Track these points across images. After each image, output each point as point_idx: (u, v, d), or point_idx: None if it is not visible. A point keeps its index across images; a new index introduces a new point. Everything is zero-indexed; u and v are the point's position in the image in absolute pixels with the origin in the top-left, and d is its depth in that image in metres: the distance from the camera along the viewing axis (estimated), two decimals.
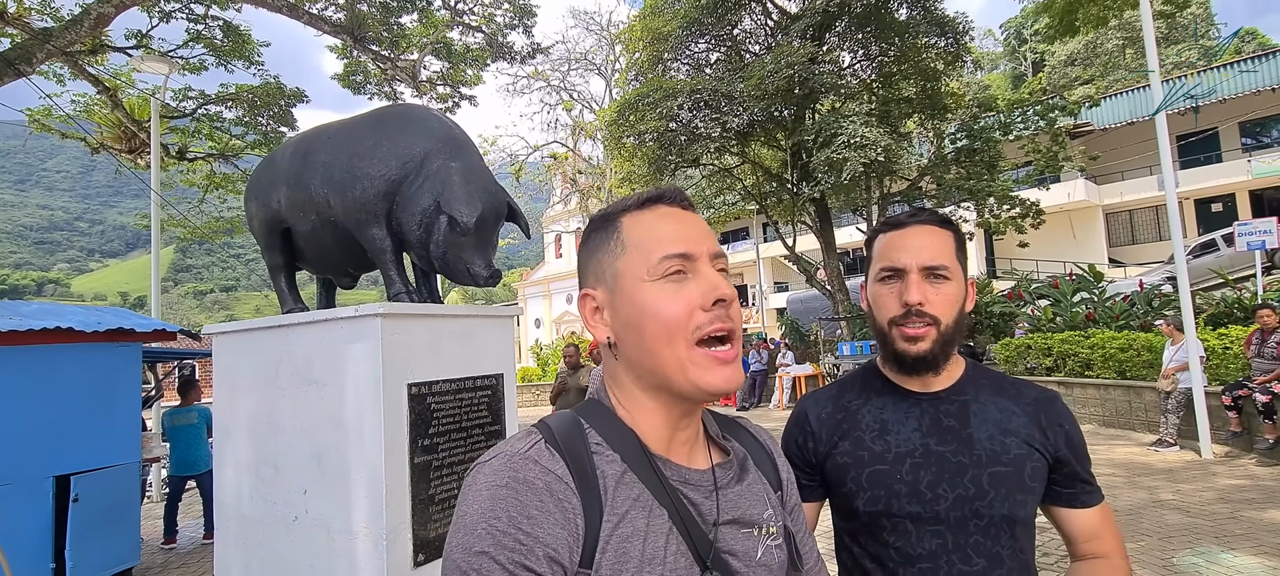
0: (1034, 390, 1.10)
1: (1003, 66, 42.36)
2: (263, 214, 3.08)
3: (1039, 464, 1.02)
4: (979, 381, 1.09)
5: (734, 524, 0.73)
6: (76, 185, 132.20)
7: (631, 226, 0.74)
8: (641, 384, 0.73)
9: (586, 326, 0.76)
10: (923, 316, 1.01)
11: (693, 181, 17.34)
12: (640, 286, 0.71)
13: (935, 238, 1.04)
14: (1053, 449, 1.04)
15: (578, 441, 0.69)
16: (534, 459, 0.65)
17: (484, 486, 0.63)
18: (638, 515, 0.67)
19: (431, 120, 2.80)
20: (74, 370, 4.28)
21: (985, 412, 1.05)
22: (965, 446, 1.02)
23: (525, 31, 11.72)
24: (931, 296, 1.02)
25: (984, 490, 0.99)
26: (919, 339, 1.01)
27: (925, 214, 1.08)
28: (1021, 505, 1.00)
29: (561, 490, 0.64)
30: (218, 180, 12.81)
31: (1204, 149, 21.77)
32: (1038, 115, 13.67)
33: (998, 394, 1.07)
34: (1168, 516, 4.96)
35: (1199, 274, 13.78)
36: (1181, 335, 7.05)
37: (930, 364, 1.03)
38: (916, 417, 1.05)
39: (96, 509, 4.25)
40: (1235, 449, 6.75)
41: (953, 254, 1.05)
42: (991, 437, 1.02)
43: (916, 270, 1.02)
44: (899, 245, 1.05)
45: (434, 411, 2.57)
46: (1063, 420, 1.06)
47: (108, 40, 9.54)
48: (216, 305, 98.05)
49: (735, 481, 0.77)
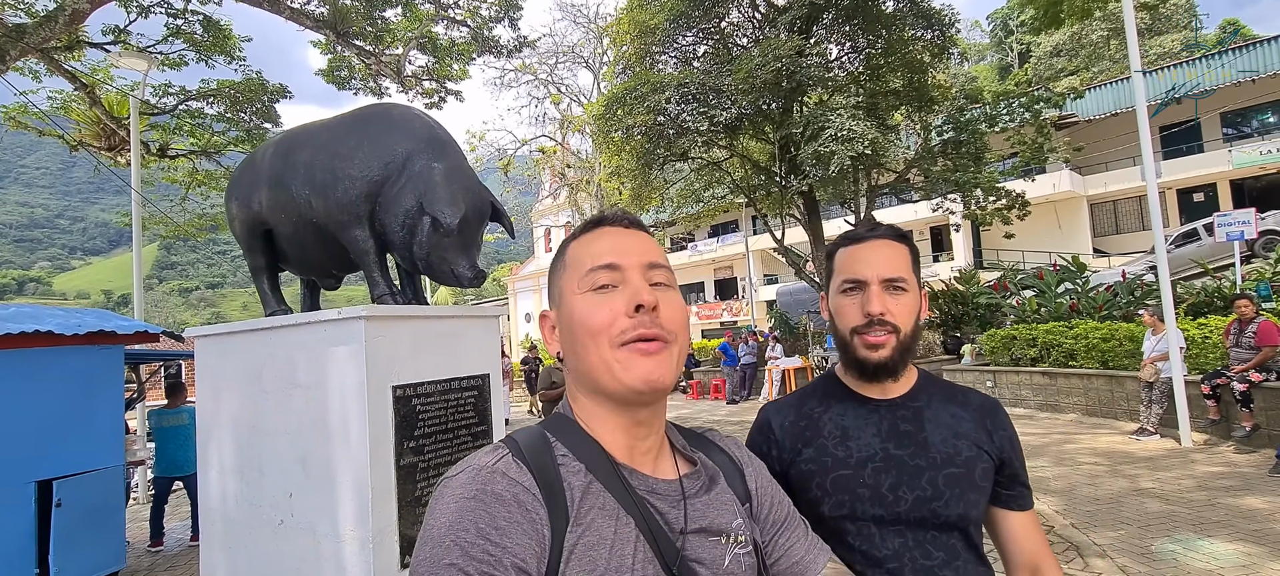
0: (979, 397, 1.18)
1: (990, 58, 42.63)
2: (244, 215, 3.05)
3: (987, 465, 1.09)
4: (931, 389, 1.16)
5: (702, 532, 0.75)
6: (57, 182, 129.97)
7: (573, 248, 0.80)
8: (589, 393, 0.77)
9: (546, 343, 0.82)
10: (884, 325, 1.07)
11: (681, 174, 17.33)
12: (573, 298, 0.76)
13: (894, 251, 1.11)
14: (997, 451, 1.11)
15: (544, 454, 0.71)
16: (501, 471, 0.67)
17: (451, 499, 0.65)
18: (604, 523, 0.68)
19: (414, 120, 2.77)
20: (55, 373, 4.22)
21: (938, 417, 1.11)
22: (922, 449, 1.07)
23: (511, 25, 11.63)
24: (892, 306, 1.08)
25: (940, 491, 1.05)
26: (880, 346, 1.07)
27: (884, 228, 1.14)
28: (974, 504, 1.07)
29: (528, 501, 0.65)
30: (200, 177, 12.64)
31: (1186, 139, 22.04)
32: (1023, 107, 13.77)
33: (949, 400, 1.14)
34: (1148, 504, 5.05)
35: (1180, 264, 13.98)
36: (1162, 325, 7.17)
37: (890, 370, 1.09)
38: (875, 423, 1.11)
39: (80, 513, 4.21)
40: (1214, 437, 6.87)
41: (909, 266, 1.11)
42: (945, 441, 1.09)
43: (877, 282, 1.08)
44: (860, 258, 1.11)
45: (419, 413, 2.57)
46: (1005, 425, 1.15)
47: (84, 36, 9.36)
48: (202, 302, 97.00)
49: (703, 492, 0.79)
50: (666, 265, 0.79)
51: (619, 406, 0.75)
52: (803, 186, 13.29)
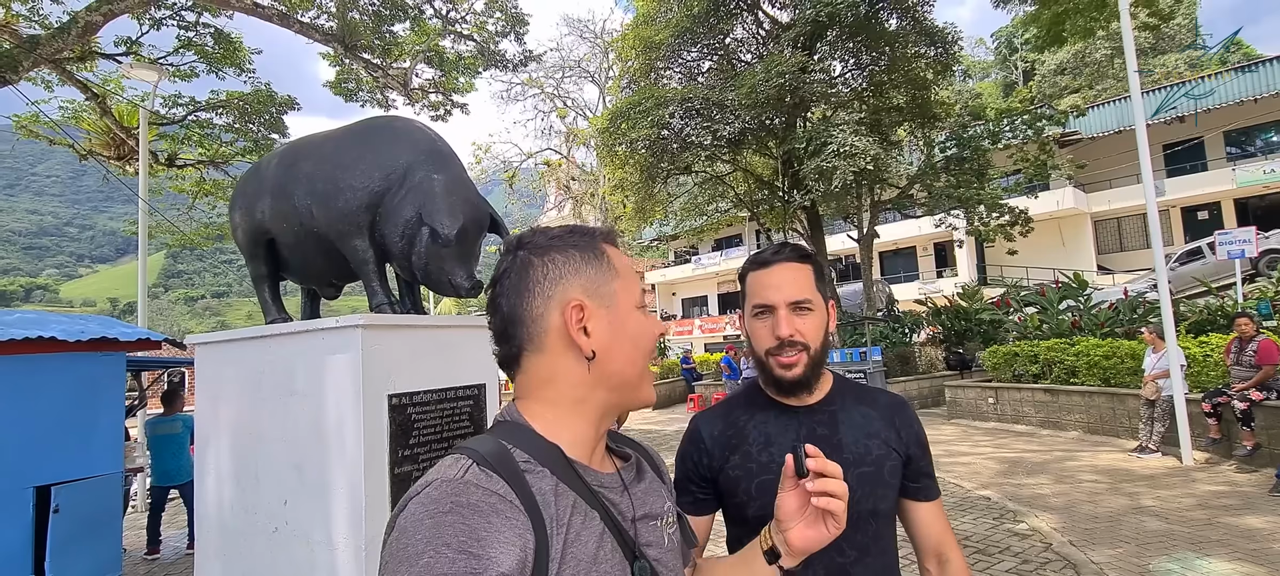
0: (887, 396, 1.26)
1: (994, 75, 42.76)
2: (247, 224, 3.09)
3: (895, 462, 1.17)
4: (845, 393, 1.24)
5: (646, 518, 0.80)
6: (66, 190, 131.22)
7: (615, 257, 0.83)
8: (596, 396, 0.77)
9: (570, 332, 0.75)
10: (794, 345, 1.15)
11: (685, 188, 17.42)
12: (633, 312, 0.82)
13: (797, 273, 1.17)
14: (904, 447, 1.19)
15: (509, 460, 0.69)
16: (473, 482, 0.65)
17: (423, 516, 0.61)
18: (578, 522, 0.70)
19: (415, 132, 2.82)
20: (56, 380, 4.25)
21: (851, 419, 1.19)
22: (836, 451, 1.13)
23: (517, 39, 11.76)
24: (800, 326, 1.15)
25: (852, 489, 1.07)
26: (793, 365, 1.15)
27: (787, 250, 1.21)
28: (882, 499, 1.15)
29: (507, 509, 0.64)
30: (208, 187, 12.76)
31: (1190, 157, 22.04)
32: (1026, 124, 13.82)
33: (859, 402, 1.22)
34: (1147, 522, 5.02)
35: (1183, 282, 13.94)
36: (1162, 343, 7.14)
37: (804, 384, 1.17)
38: (794, 429, 1.18)
39: (78, 519, 4.22)
40: (1215, 455, 6.83)
41: (813, 286, 1.18)
42: (857, 441, 1.17)
43: (784, 305, 1.15)
44: (766, 283, 1.18)
45: (415, 422, 2.58)
46: (911, 422, 1.23)
47: (97, 47, 9.50)
48: (208, 311, 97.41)
49: (637, 480, 0.84)
50: None
51: (610, 412, 0.80)
52: (805, 201, 13.35)
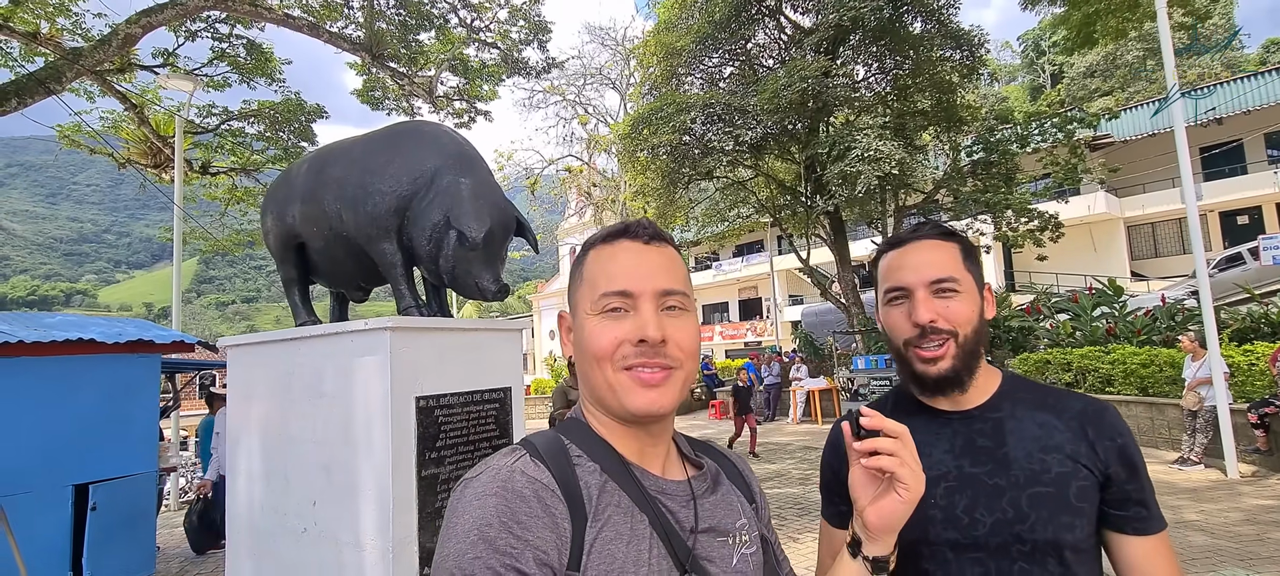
0: (1081, 401, 1.01)
1: (1021, 78, 42.02)
2: (278, 228, 3.14)
3: (1087, 482, 0.94)
4: (1017, 395, 1.02)
5: (710, 532, 0.77)
6: (105, 198, 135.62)
7: (592, 260, 0.80)
8: (596, 403, 0.79)
9: (562, 345, 0.85)
10: (938, 333, 0.97)
11: (706, 194, 17.36)
12: (586, 318, 0.78)
13: (939, 251, 1.01)
14: (1103, 465, 0.95)
15: (560, 454, 0.73)
16: (521, 470, 0.69)
17: (473, 498, 0.67)
18: (620, 520, 0.71)
19: (442, 137, 2.84)
20: (95, 380, 4.37)
21: (1023, 429, 0.98)
22: (1002, 467, 0.96)
23: (540, 47, 11.85)
24: (943, 311, 0.98)
25: (1024, 513, 0.93)
26: (937, 358, 0.98)
27: (927, 227, 1.05)
28: (1068, 528, 0.93)
29: (548, 497, 0.67)
30: (239, 194, 13.07)
31: (1229, 161, 21.36)
32: (1055, 127, 13.52)
33: (1038, 408, 1.00)
34: (1192, 538, 4.84)
35: (1224, 288, 13.47)
36: (1203, 350, 6.91)
37: (954, 381, 0.99)
38: (948, 438, 1.01)
39: (114, 517, 4.32)
40: (1262, 468, 6.57)
41: (960, 264, 1.01)
42: (1030, 456, 0.96)
43: (923, 287, 0.99)
44: (902, 264, 1.02)
45: (442, 424, 2.59)
46: (1115, 433, 0.97)
47: (135, 59, 9.81)
48: (238, 316, 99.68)
49: (709, 492, 0.81)
50: (683, 286, 0.78)
51: (626, 422, 0.77)
52: (828, 206, 13.20)
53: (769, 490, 7.44)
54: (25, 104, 6.62)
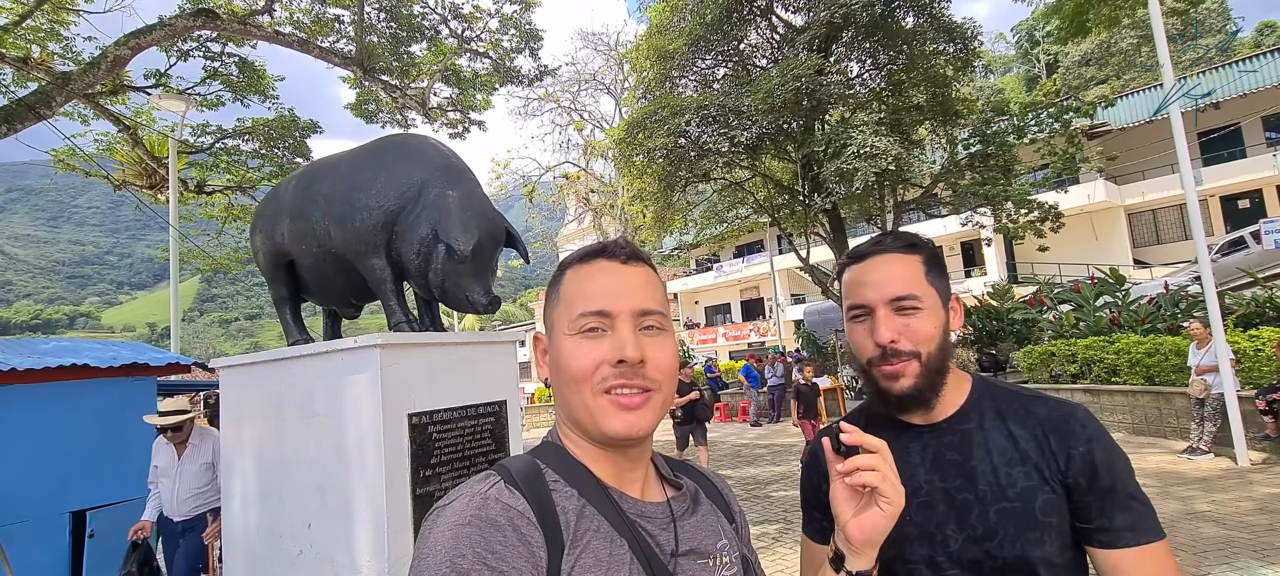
0: (1045, 408, 0.97)
1: (1016, 70, 42.01)
2: (267, 247, 3.11)
3: (1051, 496, 0.90)
4: (985, 405, 0.99)
5: (691, 554, 0.76)
6: (106, 220, 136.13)
7: (569, 280, 0.79)
8: (573, 425, 0.78)
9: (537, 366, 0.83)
10: (899, 354, 0.95)
11: (704, 196, 17.34)
12: (562, 338, 0.76)
13: (901, 265, 0.98)
14: (1063, 476, 0.91)
15: (536, 479, 0.72)
16: (495, 498, 0.67)
17: (446, 527, 0.65)
18: (599, 546, 0.69)
19: (429, 149, 2.80)
20: (90, 406, 4.34)
21: (991, 441, 0.95)
22: (969, 481, 0.94)
23: (532, 55, 11.84)
24: (903, 330, 0.95)
25: (992, 529, 0.91)
26: (899, 375, 0.95)
27: (889, 239, 1.02)
28: (1036, 544, 0.89)
29: (523, 525, 0.66)
30: (236, 212, 13.07)
31: (1227, 144, 21.29)
32: (1052, 117, 13.48)
33: (1005, 417, 0.97)
34: (1203, 528, 4.77)
35: (1227, 273, 13.39)
36: (1209, 335, 6.84)
37: (918, 399, 0.96)
38: (918, 452, 0.99)
39: (112, 543, 4.27)
40: (1273, 454, 6.50)
41: (922, 279, 0.98)
42: (996, 470, 0.93)
43: (883, 305, 0.96)
44: (863, 279, 0.99)
45: (436, 441, 2.55)
46: (1078, 441, 0.92)
47: (127, 80, 9.81)
48: (241, 333, 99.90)
49: (689, 513, 0.80)
50: (661, 306, 0.77)
51: (603, 445, 0.76)
52: (827, 204, 13.17)
53: (776, 492, 7.38)
54: (15, 129, 6.60)
